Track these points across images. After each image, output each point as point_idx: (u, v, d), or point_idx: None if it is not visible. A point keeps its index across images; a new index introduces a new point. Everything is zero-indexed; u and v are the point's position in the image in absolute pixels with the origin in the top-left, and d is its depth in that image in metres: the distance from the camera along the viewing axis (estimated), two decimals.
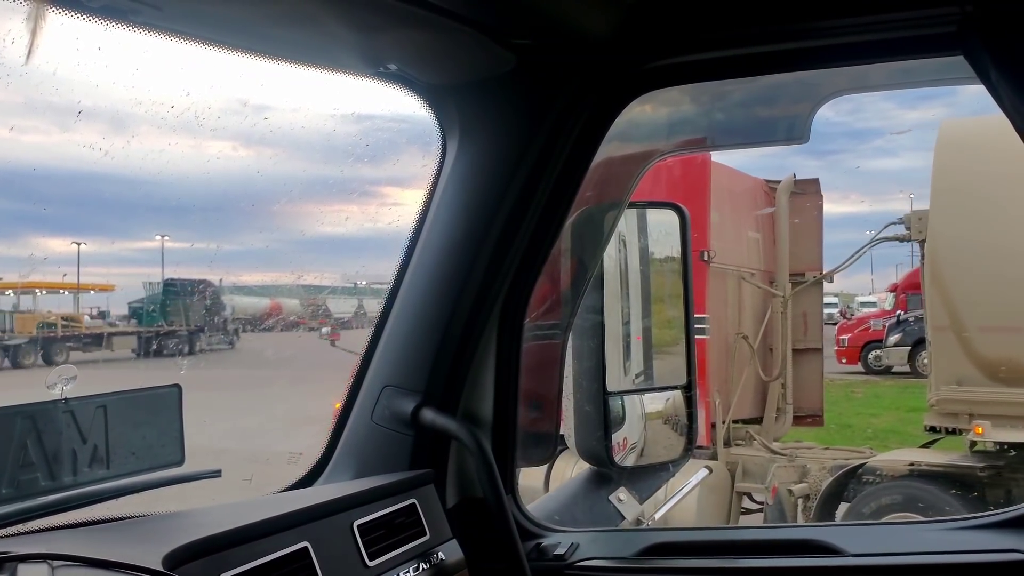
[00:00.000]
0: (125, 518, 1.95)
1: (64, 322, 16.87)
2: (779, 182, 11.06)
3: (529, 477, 10.35)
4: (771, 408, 11.02)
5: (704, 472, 3.97)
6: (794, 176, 11.09)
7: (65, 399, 1.85)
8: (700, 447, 10.08)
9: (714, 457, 10.34)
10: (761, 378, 10.85)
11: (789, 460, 10.41)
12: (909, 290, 20.16)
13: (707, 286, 10.04)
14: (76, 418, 1.87)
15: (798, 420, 11.26)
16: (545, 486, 10.31)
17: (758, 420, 11.11)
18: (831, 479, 9.74)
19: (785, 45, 2.24)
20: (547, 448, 2.78)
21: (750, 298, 11.02)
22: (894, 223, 10.26)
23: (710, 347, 10.06)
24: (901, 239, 10.16)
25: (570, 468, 10.29)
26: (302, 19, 1.91)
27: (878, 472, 9.55)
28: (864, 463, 9.79)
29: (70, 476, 1.85)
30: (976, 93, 2.01)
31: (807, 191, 11.25)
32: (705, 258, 9.97)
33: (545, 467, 10.37)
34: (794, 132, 2.79)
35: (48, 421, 1.82)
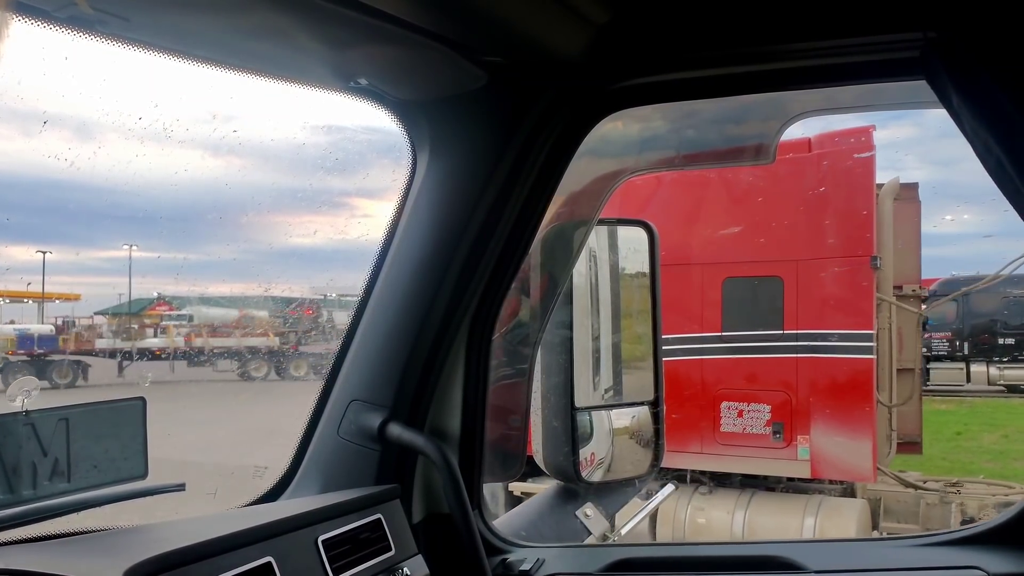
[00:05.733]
0: (85, 532, 1.93)
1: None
2: (881, 185, 10.18)
3: (628, 518, 10.24)
4: (882, 435, 10.18)
5: (671, 487, 3.98)
6: (899, 179, 10.28)
7: (26, 411, 1.82)
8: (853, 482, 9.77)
9: (851, 493, 9.97)
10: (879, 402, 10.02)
11: (940, 498, 10.00)
12: None
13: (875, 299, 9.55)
14: (37, 431, 1.84)
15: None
16: (651, 533, 10.07)
17: None
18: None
19: (754, 67, 2.28)
20: (514, 464, 2.78)
21: None
22: None
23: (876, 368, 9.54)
24: None
25: (678, 507, 10.10)
26: (273, 33, 1.91)
27: None
28: None
29: (29, 489, 1.83)
30: (944, 115, 2.05)
31: (905, 196, 10.48)
32: (877, 265, 9.47)
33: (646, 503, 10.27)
34: (761, 152, 2.83)
35: (7, 433, 1.79)
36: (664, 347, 9.98)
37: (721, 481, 10.25)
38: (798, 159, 9.66)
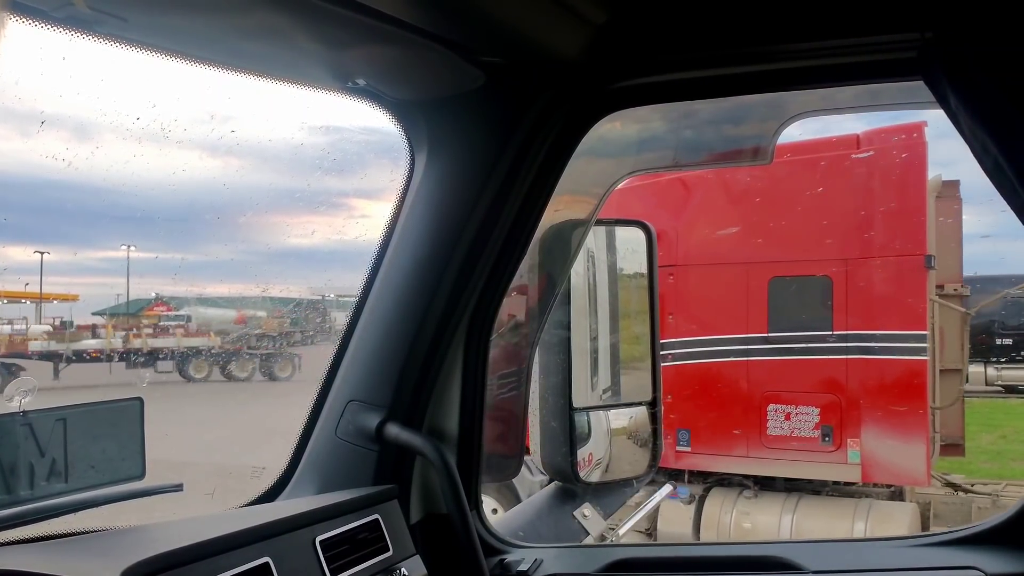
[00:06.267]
0: (83, 533, 1.93)
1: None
2: None
3: (674, 524, 9.98)
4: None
5: (668, 487, 3.99)
6: (940, 177, 10.04)
7: (23, 412, 1.82)
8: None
9: (899, 496, 9.76)
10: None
11: (992, 501, 9.80)
12: None
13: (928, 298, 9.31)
14: (34, 431, 1.84)
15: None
16: (695, 534, 9.91)
17: None
18: None
19: (751, 67, 2.28)
20: (512, 464, 2.78)
21: None
22: None
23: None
24: None
25: (723, 511, 9.98)
26: (271, 33, 1.91)
27: None
28: None
29: (27, 490, 1.82)
30: (941, 116, 2.05)
31: (946, 194, 10.19)
32: (931, 264, 9.23)
33: (693, 509, 10.03)
34: (759, 152, 2.83)
35: (5, 434, 1.79)
36: (708, 348, 9.67)
37: (764, 485, 10.07)
38: (846, 156, 9.50)
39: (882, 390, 9.30)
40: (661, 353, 10.52)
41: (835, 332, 9.47)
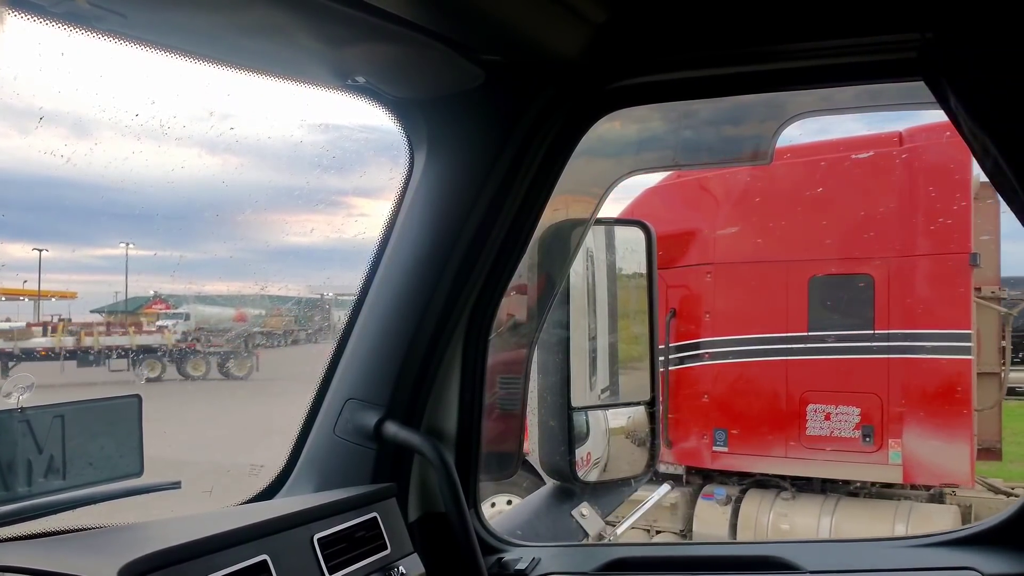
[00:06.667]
0: (81, 530, 1.92)
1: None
2: None
3: (710, 525, 9.90)
4: None
5: (666, 488, 3.99)
6: (979, 178, 9.61)
7: (21, 408, 1.82)
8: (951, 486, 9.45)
9: (938, 499, 9.58)
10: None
11: None
12: None
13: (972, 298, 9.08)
14: (32, 427, 1.84)
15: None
16: (731, 535, 9.76)
17: None
18: None
19: (751, 67, 2.28)
20: (511, 463, 2.78)
21: None
22: None
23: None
24: None
25: (760, 512, 9.77)
26: (270, 30, 1.91)
27: None
28: None
29: (24, 487, 1.82)
30: (942, 116, 2.05)
31: (983, 196, 9.87)
32: (977, 263, 9.03)
33: (729, 510, 9.91)
34: (759, 152, 2.83)
35: (2, 430, 1.79)
36: (746, 347, 9.62)
37: (800, 486, 9.87)
38: (888, 153, 9.33)
39: (925, 390, 9.14)
40: (697, 352, 10.09)
41: (877, 331, 9.28)
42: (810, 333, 9.57)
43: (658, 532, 10.13)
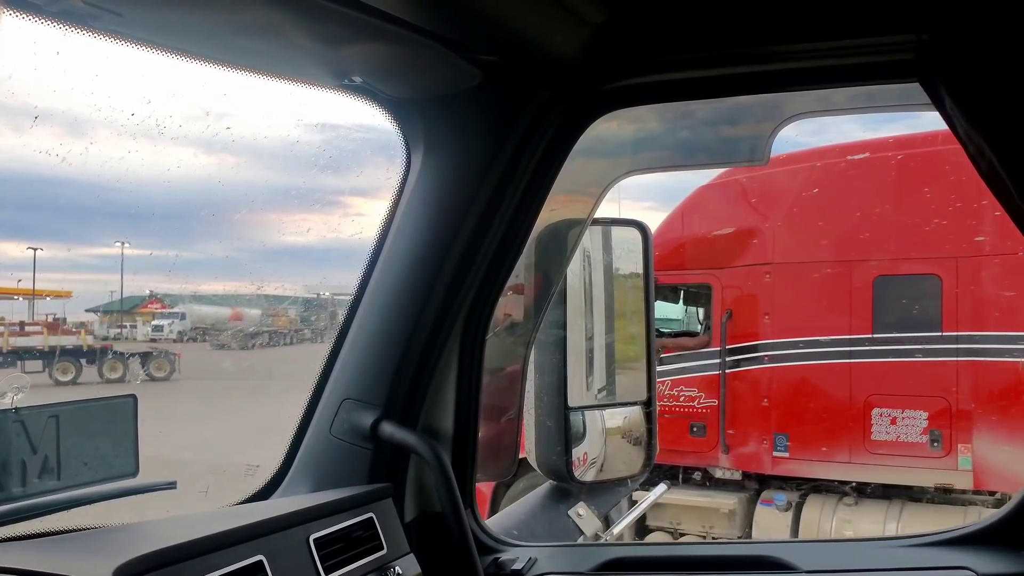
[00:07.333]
0: (76, 530, 1.92)
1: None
2: None
3: (770, 532, 9.53)
4: None
5: (663, 487, 3.99)
6: None
7: (15, 408, 1.81)
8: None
9: (1000, 503, 9.18)
10: None
11: None
12: None
13: None
14: (27, 428, 1.84)
15: None
16: (793, 529, 9.55)
17: None
18: None
19: (748, 68, 2.28)
20: (507, 463, 2.78)
21: None
22: None
23: None
24: None
25: (822, 518, 9.49)
26: (266, 29, 1.90)
27: None
28: None
29: (19, 487, 1.82)
30: (937, 118, 2.05)
31: None
32: None
33: (790, 516, 9.67)
34: (755, 153, 2.84)
35: None
36: (808, 349, 9.34)
37: (859, 491, 9.61)
38: (956, 150, 9.12)
39: (995, 393, 8.88)
40: (756, 355, 9.80)
41: (945, 333, 9.04)
42: (875, 335, 9.32)
43: (714, 540, 9.88)
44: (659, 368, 9.76)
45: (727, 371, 9.83)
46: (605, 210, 3.03)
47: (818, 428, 9.53)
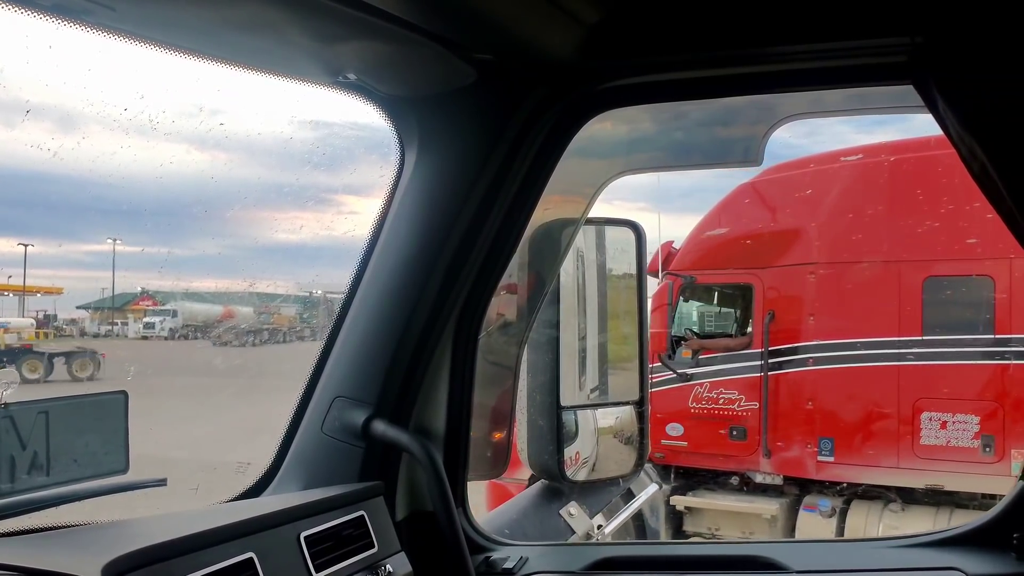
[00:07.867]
0: (65, 527, 1.91)
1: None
2: None
3: (814, 537, 9.12)
4: None
5: (653, 487, 3.99)
6: None
7: (4, 404, 1.80)
8: None
9: None
10: None
11: None
12: None
13: None
14: (16, 423, 1.83)
15: None
16: (839, 535, 9.18)
17: None
18: None
19: (742, 69, 2.28)
20: (499, 462, 2.77)
21: None
22: None
23: None
24: None
25: (868, 525, 9.14)
26: (261, 26, 1.90)
27: None
28: None
29: (7, 483, 1.81)
30: (930, 120, 2.06)
31: None
32: None
33: (834, 522, 9.39)
34: (749, 154, 2.84)
35: None
36: (854, 351, 8.98)
37: (904, 497, 9.35)
38: None
39: None
40: (799, 357, 9.52)
41: (997, 335, 8.82)
42: (925, 337, 9.06)
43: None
44: (697, 370, 9.76)
45: (769, 373, 9.58)
46: (599, 210, 3.04)
47: (864, 432, 9.30)
